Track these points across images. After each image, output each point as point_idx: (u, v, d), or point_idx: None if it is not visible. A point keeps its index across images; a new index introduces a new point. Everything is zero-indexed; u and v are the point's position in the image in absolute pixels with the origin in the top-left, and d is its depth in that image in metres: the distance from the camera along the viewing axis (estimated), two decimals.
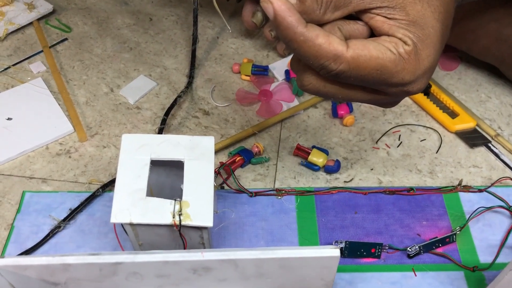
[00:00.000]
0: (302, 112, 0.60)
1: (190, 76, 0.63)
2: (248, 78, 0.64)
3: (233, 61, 0.66)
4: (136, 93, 0.62)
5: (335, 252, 0.37)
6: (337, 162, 0.54)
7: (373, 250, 0.47)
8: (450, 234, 0.49)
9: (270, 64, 0.65)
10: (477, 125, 0.59)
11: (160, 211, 0.40)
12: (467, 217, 0.50)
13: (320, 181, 0.54)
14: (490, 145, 0.57)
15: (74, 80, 0.63)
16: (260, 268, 0.38)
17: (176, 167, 0.43)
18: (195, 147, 0.43)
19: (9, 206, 0.51)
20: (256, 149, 0.55)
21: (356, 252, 0.47)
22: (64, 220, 0.50)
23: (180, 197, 0.41)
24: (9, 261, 0.37)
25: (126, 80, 0.63)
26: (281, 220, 0.50)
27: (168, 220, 0.39)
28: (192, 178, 0.42)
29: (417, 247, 0.47)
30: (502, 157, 0.56)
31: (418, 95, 0.61)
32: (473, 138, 0.57)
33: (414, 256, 0.48)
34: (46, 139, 0.56)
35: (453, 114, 0.59)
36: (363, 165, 0.55)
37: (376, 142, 0.57)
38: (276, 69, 0.64)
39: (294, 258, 0.37)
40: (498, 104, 0.61)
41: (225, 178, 0.52)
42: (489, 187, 0.53)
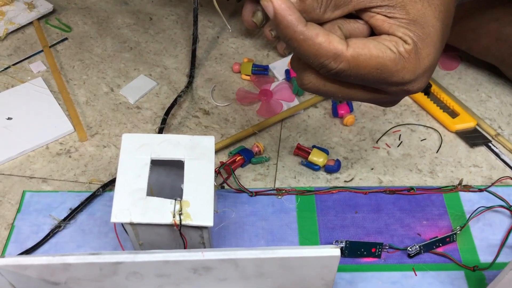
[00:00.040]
0: (302, 111, 0.60)
1: (190, 76, 0.63)
2: (248, 77, 0.64)
3: (233, 60, 0.66)
4: (136, 92, 0.62)
5: (335, 251, 0.37)
6: (338, 162, 0.54)
7: (373, 250, 0.47)
8: (451, 233, 0.49)
9: (270, 63, 0.65)
10: (478, 124, 0.59)
11: (161, 211, 0.40)
12: (468, 216, 0.50)
13: (320, 180, 0.54)
14: (490, 144, 0.57)
15: (74, 80, 0.63)
16: (260, 267, 0.38)
17: (177, 166, 0.43)
18: (196, 146, 0.43)
19: (10, 206, 0.51)
20: (256, 149, 0.55)
21: (357, 252, 0.47)
22: (64, 219, 0.50)
23: (181, 197, 0.41)
24: (10, 260, 0.37)
25: (126, 80, 0.63)
26: (282, 220, 0.50)
27: (168, 219, 0.39)
28: (193, 178, 0.42)
29: (417, 246, 0.47)
30: (503, 156, 0.56)
31: (418, 95, 0.61)
32: (474, 138, 0.57)
33: (414, 256, 0.48)
34: (46, 138, 0.56)
35: (453, 114, 0.59)
36: (363, 165, 0.55)
37: (377, 142, 0.57)
38: (276, 69, 0.64)
39: (295, 258, 0.37)
40: (498, 103, 0.61)
41: (225, 178, 0.52)
42: (490, 186, 0.53)
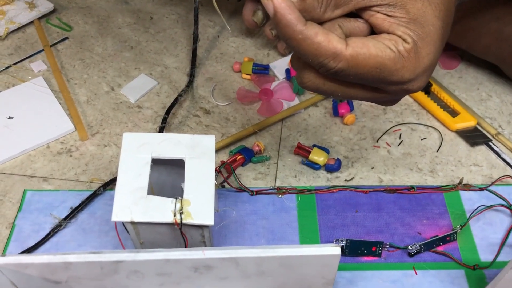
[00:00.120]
0: (302, 111, 0.60)
1: (191, 75, 0.63)
2: (248, 77, 0.64)
3: (233, 60, 0.66)
4: (137, 92, 0.62)
5: (335, 250, 0.37)
6: (338, 161, 0.54)
7: (373, 249, 0.47)
8: (451, 232, 0.49)
9: (270, 63, 0.65)
10: (478, 123, 0.59)
11: (161, 210, 0.40)
12: (468, 215, 0.50)
13: (320, 179, 0.54)
14: (490, 143, 0.57)
15: (75, 79, 0.63)
16: (261, 266, 0.38)
17: (177, 165, 0.43)
18: (196, 145, 0.43)
19: (11, 205, 0.52)
20: (257, 148, 0.55)
21: (357, 251, 0.47)
22: (65, 218, 0.50)
23: (181, 196, 0.41)
24: (11, 259, 0.37)
25: (127, 79, 0.63)
26: (282, 219, 0.50)
27: (169, 218, 0.39)
28: (193, 177, 0.42)
29: (417, 245, 0.47)
30: (503, 155, 0.56)
31: (418, 94, 0.61)
32: (474, 137, 0.57)
33: (414, 255, 0.48)
34: (47, 138, 0.57)
35: (453, 113, 0.59)
36: (363, 164, 0.55)
37: (377, 141, 0.57)
38: (277, 68, 0.64)
39: (295, 257, 0.37)
40: (498, 102, 0.61)
41: (226, 177, 0.52)
42: (490, 185, 0.53)
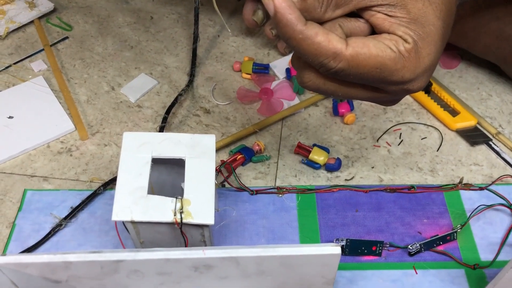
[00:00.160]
0: (303, 110, 0.60)
1: (191, 75, 0.63)
2: (249, 76, 0.64)
3: (234, 59, 0.66)
4: (137, 91, 0.62)
5: (336, 250, 0.37)
6: (338, 160, 0.54)
7: (374, 248, 0.47)
8: (451, 232, 0.49)
9: (271, 62, 0.65)
10: (478, 123, 0.59)
11: (161, 209, 0.40)
12: (468, 215, 0.50)
13: (321, 179, 0.54)
14: (491, 143, 0.57)
15: (75, 79, 0.63)
16: (261, 265, 0.38)
17: (177, 165, 0.43)
18: (196, 145, 0.43)
19: (11, 204, 0.52)
20: (257, 147, 0.55)
21: (357, 250, 0.47)
22: (65, 218, 0.50)
23: (181, 195, 0.41)
24: (11, 259, 0.37)
25: (127, 79, 0.63)
26: (282, 218, 0.51)
27: (169, 218, 0.39)
28: (193, 176, 0.42)
29: (418, 245, 0.47)
30: (503, 155, 0.56)
31: (419, 93, 0.61)
32: (474, 136, 0.57)
33: (415, 254, 0.48)
34: (47, 137, 0.57)
35: (454, 112, 0.59)
36: (364, 163, 0.55)
37: (377, 140, 0.57)
38: (277, 67, 0.64)
39: (295, 256, 0.37)
40: (499, 102, 0.61)
41: (226, 176, 0.52)
42: (490, 185, 0.53)
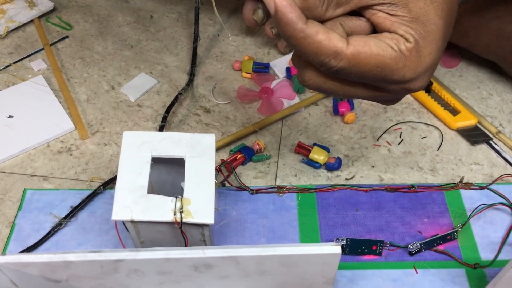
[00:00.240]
0: (303, 109, 0.60)
1: (191, 74, 0.63)
2: (249, 75, 0.64)
3: (234, 58, 0.66)
4: (137, 90, 0.62)
5: (336, 249, 0.37)
6: (338, 160, 0.54)
7: (374, 248, 0.47)
8: (451, 231, 0.49)
9: (271, 61, 0.65)
10: (479, 122, 0.59)
11: (161, 209, 0.40)
12: (468, 214, 0.50)
13: (321, 178, 0.54)
14: (491, 142, 0.57)
15: (75, 78, 0.63)
16: (261, 265, 0.38)
17: (177, 164, 0.43)
18: (196, 144, 0.43)
19: (11, 204, 0.52)
20: (257, 147, 0.55)
21: (357, 250, 0.47)
22: (65, 217, 0.50)
23: (181, 195, 0.41)
24: (11, 258, 0.37)
25: (127, 78, 0.63)
26: (282, 218, 0.50)
27: (169, 217, 0.39)
28: (193, 176, 0.42)
29: (418, 244, 0.47)
30: (504, 154, 0.56)
31: (419, 93, 0.60)
32: (475, 135, 0.57)
33: (415, 253, 0.48)
34: (47, 136, 0.56)
35: (454, 112, 0.59)
36: (364, 163, 0.55)
37: (377, 140, 0.57)
38: (277, 67, 0.64)
39: (295, 255, 0.37)
40: (499, 101, 0.61)
41: (226, 176, 0.52)
42: (491, 184, 0.52)
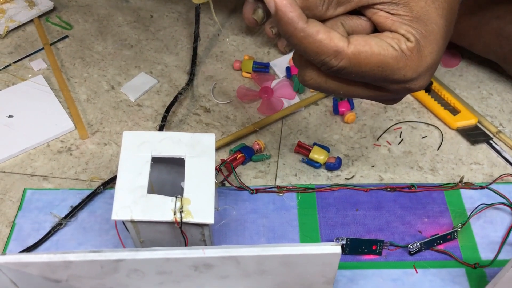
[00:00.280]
0: (303, 109, 0.60)
1: (191, 74, 0.63)
2: (249, 75, 0.63)
3: (234, 58, 0.66)
4: (137, 90, 0.62)
5: (336, 249, 0.37)
6: (338, 159, 0.54)
7: (374, 247, 0.47)
8: (451, 231, 0.49)
9: (271, 61, 0.65)
10: (479, 122, 0.59)
11: (161, 208, 0.40)
12: (469, 214, 0.50)
13: (321, 178, 0.54)
14: (491, 142, 0.57)
15: (75, 78, 0.63)
16: (261, 265, 0.38)
17: (177, 164, 0.43)
18: (196, 144, 0.43)
19: (11, 204, 0.52)
20: (257, 146, 0.55)
21: (357, 249, 0.47)
22: (65, 217, 0.50)
23: (181, 194, 0.41)
24: (11, 258, 0.37)
25: (127, 78, 0.63)
26: (282, 217, 0.50)
27: (169, 217, 0.39)
28: (193, 175, 0.42)
29: (418, 244, 0.47)
30: (504, 154, 0.56)
31: (419, 92, 0.60)
32: (475, 135, 0.57)
33: (415, 253, 0.48)
34: (47, 136, 0.56)
35: (454, 111, 0.59)
36: (364, 162, 0.55)
37: (377, 139, 0.57)
38: (277, 66, 0.64)
39: (295, 255, 0.37)
40: (499, 101, 0.61)
41: (226, 175, 0.52)
42: (491, 184, 0.52)
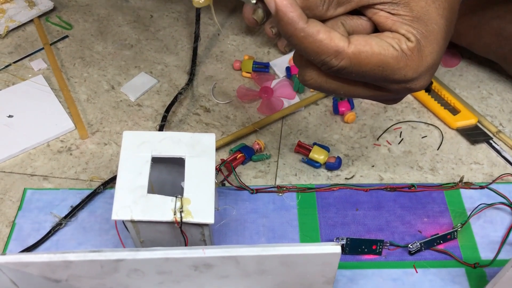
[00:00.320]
0: (303, 109, 0.60)
1: (191, 73, 0.63)
2: (249, 75, 0.63)
3: (234, 58, 0.66)
4: (137, 90, 0.62)
5: (336, 249, 0.37)
6: (338, 159, 0.54)
7: (374, 247, 0.47)
8: (451, 230, 0.49)
9: (271, 61, 0.65)
10: (479, 121, 0.59)
11: (161, 208, 0.40)
12: (468, 213, 0.50)
13: (321, 178, 0.54)
14: (491, 141, 0.57)
15: (75, 78, 0.63)
16: (261, 265, 0.38)
17: (177, 164, 0.43)
18: (196, 144, 0.43)
19: (11, 204, 0.52)
20: (257, 146, 0.55)
21: (357, 249, 0.47)
22: (65, 217, 0.50)
23: (181, 194, 0.41)
24: (11, 258, 0.36)
25: (127, 77, 0.63)
26: (282, 217, 0.50)
27: (169, 217, 0.39)
28: (193, 175, 0.42)
29: (418, 243, 0.47)
30: (504, 153, 0.56)
31: (419, 92, 0.60)
32: (475, 135, 0.57)
33: (415, 253, 0.48)
34: (47, 136, 0.56)
35: (454, 111, 0.59)
36: (364, 162, 0.55)
37: (377, 139, 0.57)
38: (277, 66, 0.64)
39: (295, 255, 0.37)
40: (499, 100, 0.61)
41: (226, 175, 0.52)
42: (491, 183, 0.52)
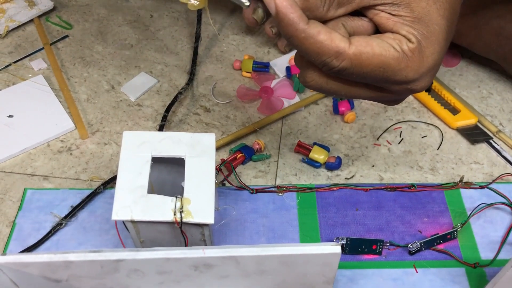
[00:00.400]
0: (303, 109, 0.60)
1: (191, 73, 0.63)
2: (249, 75, 0.63)
3: (234, 58, 0.66)
4: (137, 90, 0.62)
5: (336, 248, 0.37)
6: (338, 159, 0.54)
7: (374, 247, 0.47)
8: (451, 230, 0.49)
9: (271, 60, 0.65)
10: (479, 121, 0.59)
11: (161, 208, 0.40)
12: (468, 213, 0.50)
13: (321, 178, 0.54)
14: (491, 141, 0.57)
15: (75, 77, 0.63)
16: (261, 265, 0.38)
17: (177, 164, 0.43)
18: (196, 144, 0.43)
19: (11, 203, 0.52)
20: (257, 146, 0.55)
21: (357, 249, 0.47)
22: (65, 217, 0.50)
23: (181, 194, 0.41)
24: (11, 258, 0.37)
25: (127, 77, 0.63)
26: (282, 217, 0.50)
27: (169, 217, 0.39)
28: (193, 175, 0.42)
29: (418, 243, 0.47)
30: (504, 153, 0.56)
31: None
32: (475, 135, 0.57)
33: (415, 253, 0.48)
34: (47, 136, 0.56)
35: (454, 111, 0.59)
36: (364, 162, 0.55)
37: (377, 139, 0.57)
38: (277, 66, 0.64)
39: (295, 255, 0.37)
40: (499, 100, 0.61)
41: (226, 175, 0.52)
42: (491, 183, 0.53)
